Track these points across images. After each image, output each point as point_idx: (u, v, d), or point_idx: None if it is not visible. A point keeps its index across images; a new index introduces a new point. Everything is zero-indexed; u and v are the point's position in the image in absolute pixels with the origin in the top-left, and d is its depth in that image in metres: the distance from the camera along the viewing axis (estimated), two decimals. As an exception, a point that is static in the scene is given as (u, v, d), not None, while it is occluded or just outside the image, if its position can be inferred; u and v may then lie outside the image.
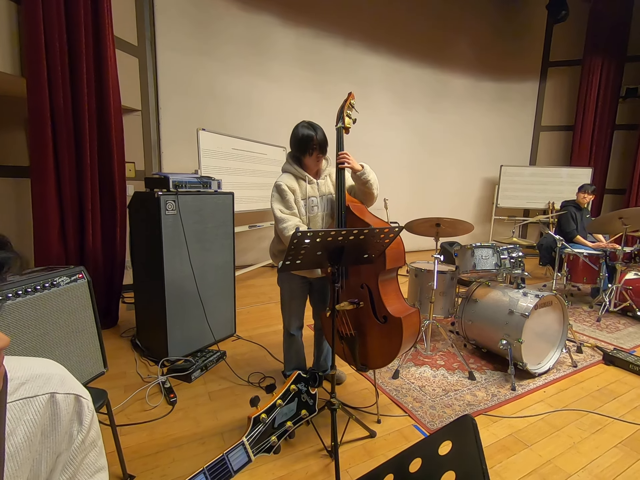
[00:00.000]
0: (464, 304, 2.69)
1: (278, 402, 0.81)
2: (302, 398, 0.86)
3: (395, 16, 5.75)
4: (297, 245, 1.33)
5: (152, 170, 3.99)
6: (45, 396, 0.55)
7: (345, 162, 1.78)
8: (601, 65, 6.09)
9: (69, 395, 0.57)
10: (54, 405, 0.55)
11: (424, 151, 6.54)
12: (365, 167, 1.82)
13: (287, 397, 0.83)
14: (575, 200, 4.07)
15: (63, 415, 0.56)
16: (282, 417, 0.80)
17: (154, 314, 2.39)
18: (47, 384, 0.56)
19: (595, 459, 1.67)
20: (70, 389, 0.58)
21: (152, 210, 2.23)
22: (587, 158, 6.36)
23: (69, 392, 0.58)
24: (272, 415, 0.79)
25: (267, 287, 4.31)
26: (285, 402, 0.82)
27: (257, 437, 0.75)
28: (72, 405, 0.58)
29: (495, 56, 6.63)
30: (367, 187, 1.85)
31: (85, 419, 0.59)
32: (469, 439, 0.41)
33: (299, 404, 0.85)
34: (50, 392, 0.55)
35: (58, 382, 0.57)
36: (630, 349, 2.82)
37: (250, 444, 0.73)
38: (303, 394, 0.86)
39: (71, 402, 0.57)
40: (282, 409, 0.80)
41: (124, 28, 3.49)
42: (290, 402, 0.83)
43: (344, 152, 1.80)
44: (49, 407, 0.55)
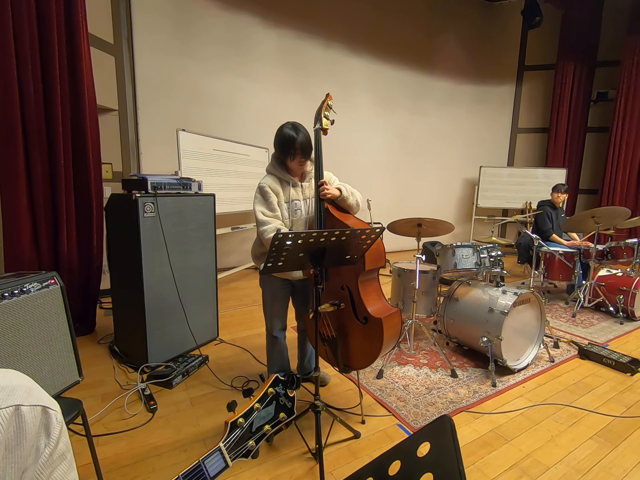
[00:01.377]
0: (446, 302, 2.73)
1: (256, 405, 0.79)
2: (280, 401, 0.85)
3: (376, 20, 5.81)
4: (279, 247, 1.32)
5: (131, 171, 3.89)
6: (9, 409, 0.52)
7: (325, 194, 1.77)
8: (573, 69, 6.32)
9: (35, 407, 0.54)
10: (19, 418, 0.52)
11: (406, 152, 6.62)
12: (342, 190, 1.82)
13: (264, 400, 0.82)
14: (551, 200, 4.20)
15: (29, 429, 0.53)
16: (260, 421, 0.79)
17: (133, 319, 2.33)
18: (11, 396, 0.53)
19: (572, 451, 1.72)
20: (37, 400, 0.55)
21: (129, 213, 2.17)
22: (562, 159, 6.59)
23: (36, 404, 0.55)
24: (249, 419, 0.78)
25: (251, 289, 4.27)
26: (263, 405, 0.81)
27: (234, 442, 0.74)
28: (39, 418, 0.55)
29: (473, 60, 6.79)
30: (349, 207, 1.88)
31: (53, 432, 0.56)
32: (446, 439, 0.41)
33: (277, 407, 0.84)
34: (15, 404, 0.52)
35: (23, 393, 0.54)
36: (603, 343, 2.93)
37: (228, 449, 0.72)
38: (281, 397, 0.85)
39: (38, 414, 0.54)
40: (260, 412, 0.79)
41: (99, 25, 3.39)
42: (268, 405, 0.82)
43: (323, 181, 1.79)
44: (14, 421, 0.52)
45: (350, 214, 1.91)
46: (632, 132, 5.94)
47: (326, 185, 1.79)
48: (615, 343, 2.94)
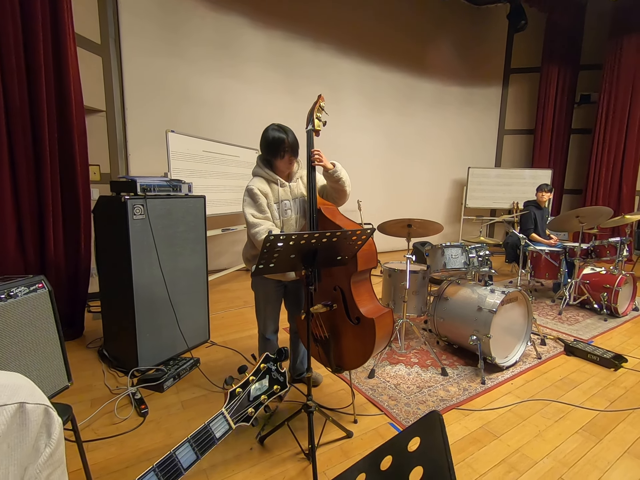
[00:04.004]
0: (436, 302, 2.77)
1: (250, 378, 0.89)
2: (273, 375, 0.94)
3: (364, 22, 5.85)
4: (270, 249, 1.32)
5: (119, 173, 3.84)
6: (14, 405, 0.52)
7: (318, 159, 1.77)
8: (557, 72, 6.47)
9: (39, 406, 0.55)
10: (23, 415, 0.53)
11: (395, 153, 6.68)
12: (336, 165, 1.83)
13: (258, 374, 0.91)
14: (536, 200, 4.29)
15: (32, 427, 0.53)
16: (256, 392, 0.90)
17: (123, 323, 2.30)
18: (16, 394, 0.53)
19: (559, 445, 1.76)
20: (40, 400, 0.55)
21: (118, 215, 2.14)
22: (547, 160, 6.73)
23: (39, 403, 0.55)
24: (246, 390, 0.87)
25: (242, 291, 4.25)
26: (257, 378, 0.90)
27: (234, 408, 0.83)
28: (41, 417, 0.55)
29: (460, 62, 6.89)
30: (340, 185, 1.84)
31: (54, 432, 0.56)
32: (436, 434, 0.43)
33: (271, 380, 0.93)
34: (20, 401, 0.53)
35: (28, 392, 0.54)
36: (588, 339, 3.00)
37: (230, 414, 0.80)
38: (273, 372, 0.94)
39: (40, 413, 0.55)
40: (255, 384, 0.88)
41: (86, 25, 3.35)
42: (262, 379, 0.91)
43: (317, 149, 1.79)
44: (17, 417, 0.52)
45: (341, 215, 1.92)
46: (614, 134, 6.10)
47: (320, 153, 1.78)
48: (600, 339, 3.02)
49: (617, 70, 5.98)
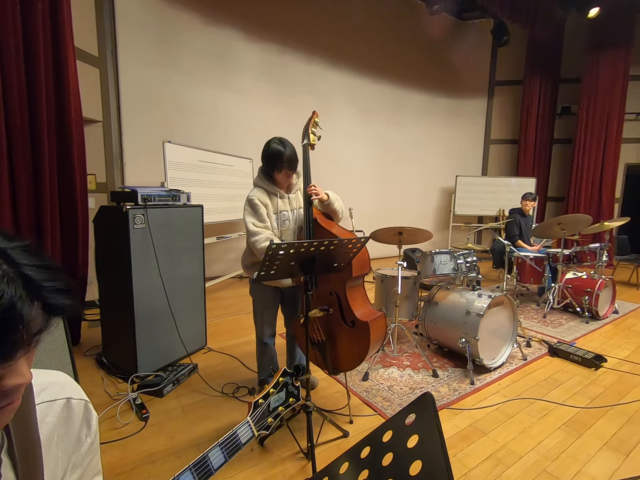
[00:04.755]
0: (426, 306, 2.87)
1: (271, 390, 0.97)
2: (289, 388, 1.02)
3: (355, 36, 6.03)
4: (272, 257, 1.41)
5: (115, 182, 3.89)
6: (62, 401, 0.60)
7: (314, 195, 1.89)
8: (539, 85, 6.75)
9: (81, 401, 0.63)
10: (69, 409, 0.60)
11: (385, 162, 6.84)
12: (330, 196, 1.94)
13: (277, 387, 0.99)
14: (521, 208, 4.47)
15: (75, 419, 0.61)
16: (275, 403, 0.96)
17: (122, 330, 2.35)
18: (63, 390, 0.61)
19: (543, 440, 1.87)
20: (82, 395, 0.64)
21: (120, 225, 2.21)
22: (531, 169, 6.98)
23: (81, 399, 0.63)
24: (267, 400, 0.94)
25: (236, 298, 4.31)
26: (276, 390, 0.98)
27: (258, 417, 0.91)
28: (82, 411, 0.63)
29: (447, 74, 7.13)
30: (333, 213, 1.99)
31: (93, 424, 0.64)
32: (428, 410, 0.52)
33: (287, 393, 1.01)
34: (67, 397, 0.61)
35: (72, 388, 0.63)
36: (571, 341, 3.14)
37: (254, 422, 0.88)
38: (289, 385, 1.01)
39: (82, 407, 0.63)
40: (274, 396, 0.96)
41: (84, 38, 3.41)
42: (280, 391, 0.99)
43: (313, 184, 1.90)
44: (64, 411, 0.60)
45: (335, 223, 2.02)
46: (594, 144, 6.38)
47: (316, 188, 1.90)
48: (582, 341, 3.17)
49: (595, 84, 6.28)
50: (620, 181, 6.69)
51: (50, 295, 0.45)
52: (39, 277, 0.45)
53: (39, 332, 0.43)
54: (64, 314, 0.48)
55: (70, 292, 0.49)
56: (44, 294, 0.44)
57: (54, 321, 0.47)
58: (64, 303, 0.47)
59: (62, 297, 0.47)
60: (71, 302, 0.48)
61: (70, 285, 0.50)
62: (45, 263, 0.47)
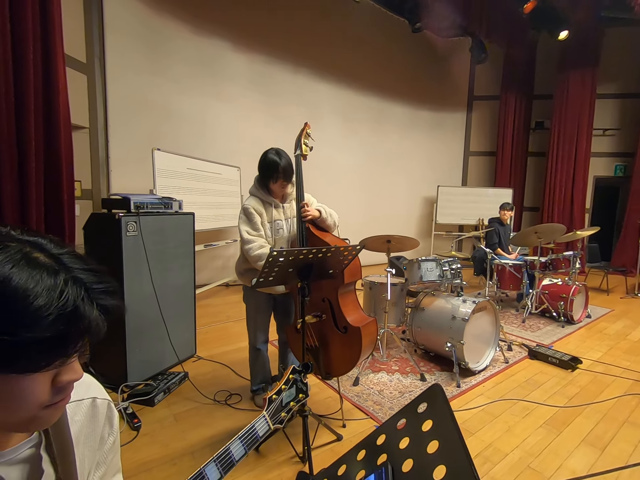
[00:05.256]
0: (413, 312, 2.96)
1: (283, 387, 1.02)
2: (298, 385, 1.07)
3: (341, 49, 6.21)
4: (272, 263, 1.46)
5: (100, 189, 3.84)
6: (88, 400, 0.63)
7: (306, 215, 1.95)
8: (515, 101, 7.10)
9: (105, 401, 0.65)
10: (95, 408, 0.63)
11: (370, 172, 7.00)
12: (322, 213, 2.00)
13: (288, 383, 1.04)
14: (499, 217, 4.67)
15: (100, 418, 0.64)
16: (287, 399, 1.01)
17: (112, 339, 2.31)
18: (89, 390, 0.64)
19: (526, 438, 1.96)
20: (105, 395, 0.66)
21: (112, 232, 2.20)
22: (508, 180, 7.29)
23: (105, 398, 0.66)
24: (280, 396, 0.99)
25: (224, 305, 4.29)
26: (288, 387, 1.03)
27: (272, 412, 0.95)
28: (106, 410, 0.65)
29: (428, 89, 7.41)
30: (327, 226, 2.06)
31: (115, 423, 0.67)
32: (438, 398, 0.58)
33: (297, 389, 1.06)
34: (92, 396, 0.63)
35: (97, 388, 0.65)
36: (549, 344, 3.30)
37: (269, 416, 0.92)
38: (299, 382, 1.06)
39: (106, 406, 0.65)
40: (286, 392, 1.01)
41: (72, 44, 3.39)
42: (291, 387, 1.04)
43: (304, 203, 1.97)
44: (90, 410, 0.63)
45: (328, 232, 2.09)
46: (565, 157, 6.75)
47: (307, 207, 1.96)
48: (559, 344, 3.33)
49: (566, 101, 6.67)
50: (590, 192, 7.09)
51: (100, 296, 0.49)
52: (89, 279, 0.49)
53: (95, 331, 0.47)
54: (112, 315, 0.52)
55: (116, 293, 0.53)
56: (95, 295, 0.48)
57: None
58: (112, 304, 0.51)
59: (110, 298, 0.51)
60: (118, 303, 0.52)
61: (115, 287, 0.54)
62: (93, 267, 0.51)
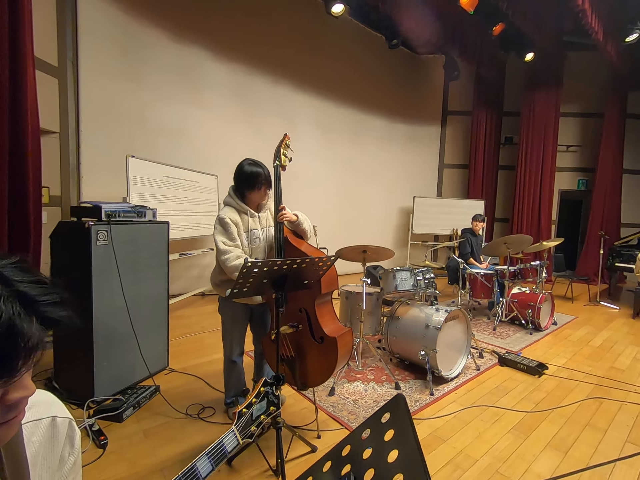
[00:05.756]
0: (389, 321, 3.01)
1: (253, 400, 1.01)
2: (270, 398, 1.06)
3: (319, 63, 6.32)
4: (246, 275, 1.46)
5: (70, 196, 3.71)
6: (48, 419, 0.61)
7: (284, 217, 1.97)
8: (485, 116, 7.43)
9: (65, 419, 0.63)
10: (54, 428, 0.61)
11: (348, 182, 7.11)
12: (299, 216, 2.04)
13: (259, 396, 1.02)
14: (472, 228, 4.84)
15: (60, 438, 0.62)
16: (257, 412, 0.98)
17: (79, 352, 2.23)
18: (50, 409, 0.62)
19: (495, 444, 2.02)
20: (67, 414, 0.64)
21: (81, 241, 2.13)
22: (480, 192, 7.57)
23: (66, 417, 0.64)
24: (250, 410, 0.97)
25: (198, 316, 4.20)
26: (258, 400, 1.01)
27: (242, 426, 0.94)
28: (66, 429, 0.64)
29: (405, 103, 7.64)
30: (303, 232, 2.08)
31: (76, 443, 0.65)
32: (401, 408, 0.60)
33: (268, 402, 1.05)
34: (52, 415, 0.61)
35: (57, 407, 0.63)
36: (517, 351, 3.42)
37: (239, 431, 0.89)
38: (270, 395, 1.04)
39: (67, 426, 0.64)
40: (257, 405, 0.98)
41: (43, 47, 3.30)
42: (262, 400, 1.03)
43: (282, 206, 1.98)
44: (50, 429, 0.61)
45: (304, 241, 2.11)
46: (532, 171, 7.09)
47: (285, 210, 1.98)
48: (527, 351, 3.46)
49: (532, 118, 7.04)
50: (555, 205, 7.46)
51: (46, 308, 0.48)
52: (33, 292, 0.47)
53: (39, 346, 0.46)
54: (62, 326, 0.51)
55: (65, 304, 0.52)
56: (40, 308, 0.47)
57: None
58: (60, 315, 0.50)
59: (58, 310, 0.50)
60: (67, 314, 0.51)
61: (64, 298, 0.53)
62: (38, 278, 0.50)
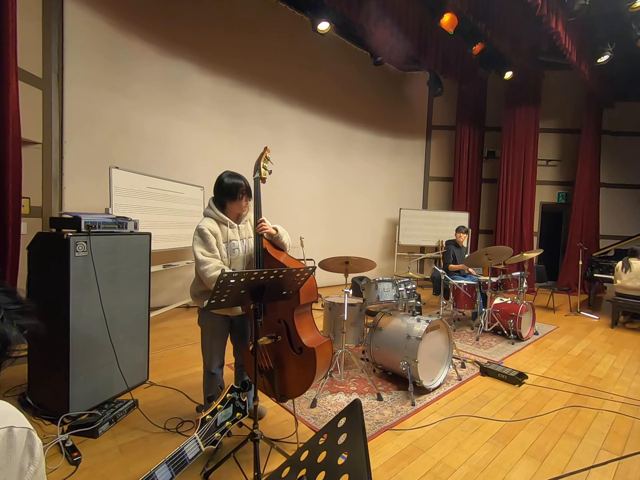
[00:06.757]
0: (372, 332, 3.03)
1: (218, 406, 1.00)
2: (236, 404, 1.05)
3: (305, 77, 6.44)
4: (223, 286, 1.47)
5: (51, 206, 3.67)
6: (4, 430, 0.60)
7: (263, 229, 1.99)
8: (468, 131, 7.65)
9: (23, 429, 0.63)
10: (11, 438, 0.61)
11: (335, 194, 7.18)
12: (279, 230, 2.06)
13: (225, 403, 1.01)
14: (455, 240, 4.93)
15: (18, 448, 0.62)
16: (222, 419, 0.97)
17: (53, 366, 2.18)
18: (5, 419, 0.62)
19: (473, 453, 2.04)
20: (25, 424, 0.64)
21: (59, 253, 2.11)
22: (464, 204, 7.73)
23: (24, 427, 0.64)
24: (214, 417, 0.96)
25: (182, 328, 4.15)
26: (224, 406, 1.01)
27: (205, 433, 0.92)
28: (25, 439, 0.63)
29: (390, 117, 7.82)
30: (282, 245, 2.10)
31: (36, 452, 0.65)
32: (356, 413, 0.62)
33: (234, 408, 1.06)
34: (8, 425, 0.61)
35: (15, 417, 0.63)
36: (499, 360, 3.46)
37: (201, 438, 0.88)
38: (237, 401, 1.03)
39: (25, 435, 0.63)
40: (222, 412, 0.96)
41: (28, 59, 3.31)
42: (228, 407, 1.02)
43: (262, 219, 2.01)
44: (6, 440, 0.61)
45: (283, 252, 2.13)
46: (514, 184, 7.29)
47: (264, 223, 2.00)
48: (508, 360, 3.50)
49: (513, 134, 7.28)
50: (537, 217, 7.66)
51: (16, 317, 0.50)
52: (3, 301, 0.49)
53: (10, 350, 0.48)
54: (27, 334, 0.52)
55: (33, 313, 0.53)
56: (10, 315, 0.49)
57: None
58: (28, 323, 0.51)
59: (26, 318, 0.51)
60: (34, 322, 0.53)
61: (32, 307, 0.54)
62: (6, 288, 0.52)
